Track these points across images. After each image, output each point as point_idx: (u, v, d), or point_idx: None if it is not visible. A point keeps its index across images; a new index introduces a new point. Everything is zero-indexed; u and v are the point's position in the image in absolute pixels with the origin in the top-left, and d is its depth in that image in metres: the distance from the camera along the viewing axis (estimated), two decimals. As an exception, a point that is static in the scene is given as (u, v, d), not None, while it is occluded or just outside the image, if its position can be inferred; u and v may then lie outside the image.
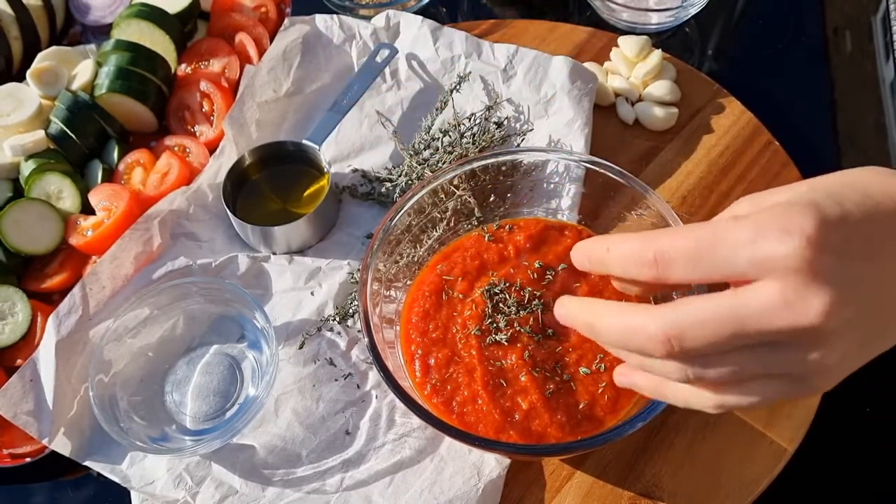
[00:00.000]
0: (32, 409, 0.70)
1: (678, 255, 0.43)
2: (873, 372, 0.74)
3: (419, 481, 0.67)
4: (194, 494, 0.68)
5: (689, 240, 0.43)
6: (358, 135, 0.89)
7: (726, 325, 0.41)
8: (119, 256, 0.77)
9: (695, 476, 0.66)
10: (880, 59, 0.95)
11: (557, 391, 0.65)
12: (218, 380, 0.74)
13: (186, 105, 0.91)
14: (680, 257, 0.43)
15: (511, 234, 0.74)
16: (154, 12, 0.93)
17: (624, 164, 0.70)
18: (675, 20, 0.97)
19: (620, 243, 0.47)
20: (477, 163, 0.73)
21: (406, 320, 0.70)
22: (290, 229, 0.79)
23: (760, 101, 0.88)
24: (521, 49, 0.89)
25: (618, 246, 0.47)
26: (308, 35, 0.92)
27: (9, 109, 0.88)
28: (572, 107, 0.85)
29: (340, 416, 0.71)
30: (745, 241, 0.41)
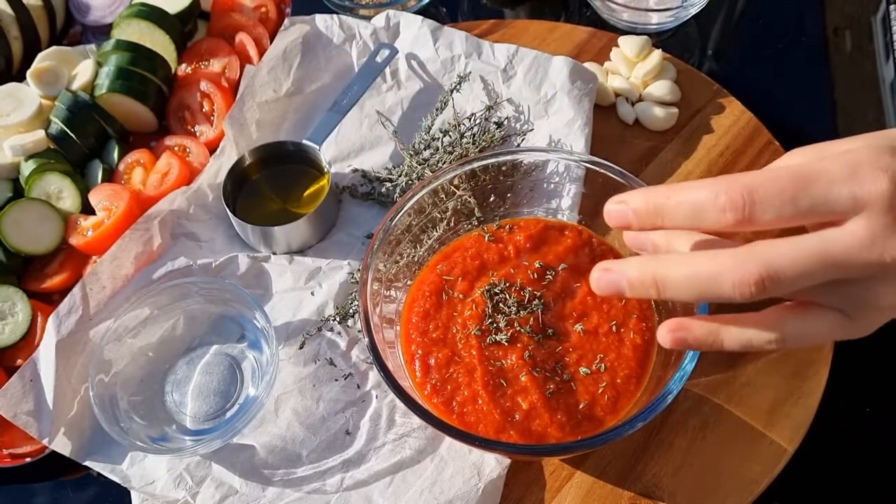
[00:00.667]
0: (32, 409, 0.70)
1: (772, 192, 0.42)
2: (873, 372, 0.75)
3: (419, 481, 0.67)
4: (194, 494, 0.68)
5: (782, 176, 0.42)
6: (358, 135, 0.89)
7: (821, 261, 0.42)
8: (119, 256, 0.77)
9: (695, 476, 0.66)
10: (880, 59, 0.95)
11: (557, 391, 0.65)
12: (218, 380, 0.74)
13: (186, 105, 0.91)
14: (774, 195, 0.42)
15: (511, 234, 0.74)
16: (154, 12, 0.93)
17: (624, 164, 0.70)
18: (675, 20, 0.97)
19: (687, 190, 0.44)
20: (477, 163, 0.73)
21: (406, 320, 0.70)
22: (290, 229, 0.79)
23: (760, 101, 0.88)
24: (521, 49, 0.89)
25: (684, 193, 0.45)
26: (308, 35, 0.93)
27: (9, 109, 0.88)
28: (572, 107, 0.85)
29: (340, 416, 0.71)
30: (842, 178, 0.41)
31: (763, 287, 0.42)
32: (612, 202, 0.48)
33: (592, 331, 0.68)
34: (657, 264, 0.46)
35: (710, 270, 0.43)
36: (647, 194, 0.47)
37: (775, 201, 0.42)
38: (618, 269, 0.47)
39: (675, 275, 0.45)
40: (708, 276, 0.44)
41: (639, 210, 0.47)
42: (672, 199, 0.45)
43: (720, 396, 0.69)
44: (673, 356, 0.63)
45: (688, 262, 0.45)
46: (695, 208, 0.44)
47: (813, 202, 0.42)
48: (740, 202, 0.43)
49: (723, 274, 0.43)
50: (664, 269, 0.45)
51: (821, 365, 0.70)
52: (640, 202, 0.47)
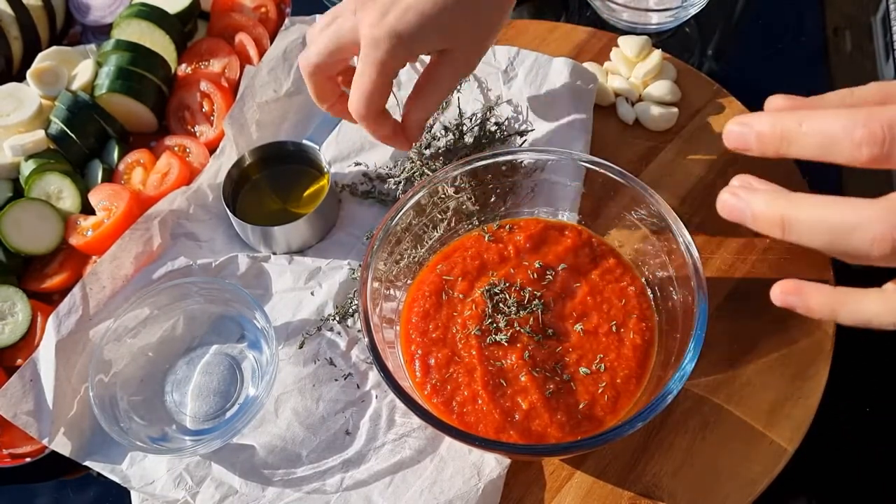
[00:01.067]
0: (32, 409, 0.70)
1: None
2: (873, 372, 0.75)
3: (419, 481, 0.67)
4: (194, 494, 0.68)
5: None
6: (358, 135, 0.89)
7: None
8: (119, 256, 0.77)
9: (695, 476, 0.66)
10: (880, 59, 0.95)
11: (557, 391, 0.65)
12: (218, 380, 0.74)
13: (186, 105, 0.91)
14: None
15: (511, 234, 0.74)
16: (154, 12, 0.93)
17: (624, 164, 0.70)
18: (675, 20, 0.97)
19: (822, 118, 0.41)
20: (477, 163, 0.73)
21: (406, 320, 0.70)
22: (290, 229, 0.79)
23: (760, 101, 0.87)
24: (521, 51, 0.89)
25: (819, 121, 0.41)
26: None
27: (9, 109, 0.88)
28: (573, 107, 0.85)
29: (340, 416, 0.71)
30: None
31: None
32: (735, 122, 0.45)
33: (592, 331, 0.68)
34: (788, 202, 0.42)
35: (848, 219, 0.40)
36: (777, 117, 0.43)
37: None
38: (746, 197, 0.44)
39: (805, 217, 0.41)
40: (843, 224, 0.40)
41: (763, 134, 0.44)
42: (804, 125, 0.41)
43: (720, 396, 0.69)
44: (673, 356, 0.63)
45: (823, 206, 0.41)
46: (828, 139, 0.40)
47: None
48: (880, 136, 0.39)
49: (863, 225, 0.39)
50: (794, 210, 0.42)
51: (821, 365, 0.70)
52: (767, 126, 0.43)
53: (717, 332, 0.71)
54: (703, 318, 0.60)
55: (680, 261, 0.65)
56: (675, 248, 0.65)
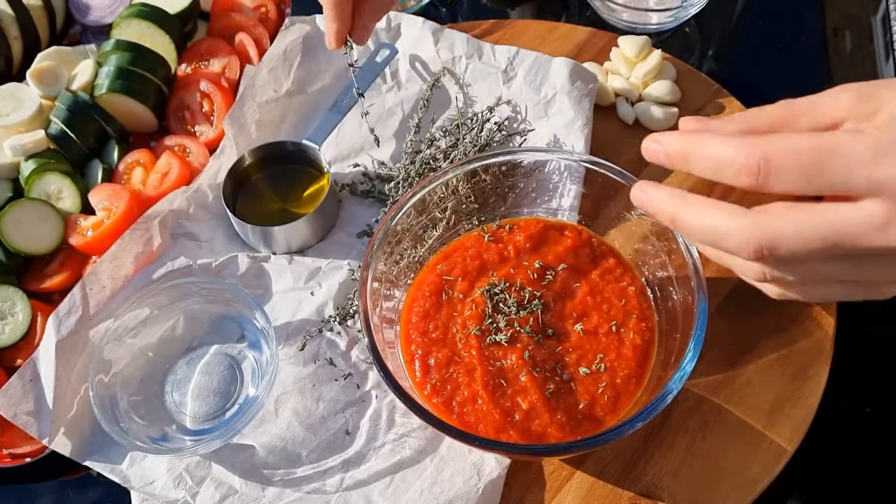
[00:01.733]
0: (32, 409, 0.70)
1: (788, 166, 0.42)
2: (873, 372, 0.75)
3: (419, 481, 0.67)
4: (194, 494, 0.68)
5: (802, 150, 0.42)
6: (358, 135, 0.89)
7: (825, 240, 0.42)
8: (119, 256, 0.77)
9: (695, 476, 0.66)
10: (880, 59, 0.95)
11: (557, 391, 0.65)
12: (218, 380, 0.74)
13: (186, 105, 0.91)
14: (791, 168, 0.42)
15: (511, 234, 0.74)
16: (154, 12, 0.93)
17: (624, 164, 0.70)
18: (675, 20, 0.97)
19: (714, 144, 0.46)
20: (477, 163, 0.73)
21: (406, 320, 0.70)
22: (290, 229, 0.79)
23: (760, 101, 0.87)
24: (521, 51, 0.89)
25: (711, 147, 0.46)
26: (308, 35, 0.93)
27: (9, 109, 0.88)
28: (572, 107, 0.85)
29: (340, 416, 0.71)
30: (864, 161, 0.41)
31: (762, 255, 0.44)
32: (650, 140, 0.51)
33: (592, 331, 0.68)
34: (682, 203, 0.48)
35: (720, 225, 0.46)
36: (682, 141, 0.48)
37: (791, 175, 0.43)
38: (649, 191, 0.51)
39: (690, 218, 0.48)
40: (716, 230, 0.46)
41: (671, 154, 0.49)
42: (700, 150, 0.47)
43: (720, 396, 0.69)
44: (673, 356, 0.63)
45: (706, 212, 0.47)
46: (717, 164, 0.46)
47: (830, 181, 0.42)
48: (755, 169, 0.43)
49: (730, 234, 0.45)
50: (684, 211, 0.48)
51: (821, 365, 0.70)
52: (673, 147, 0.49)
53: (717, 332, 0.71)
54: (703, 318, 0.60)
55: (680, 261, 0.65)
56: (675, 248, 0.65)
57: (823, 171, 0.42)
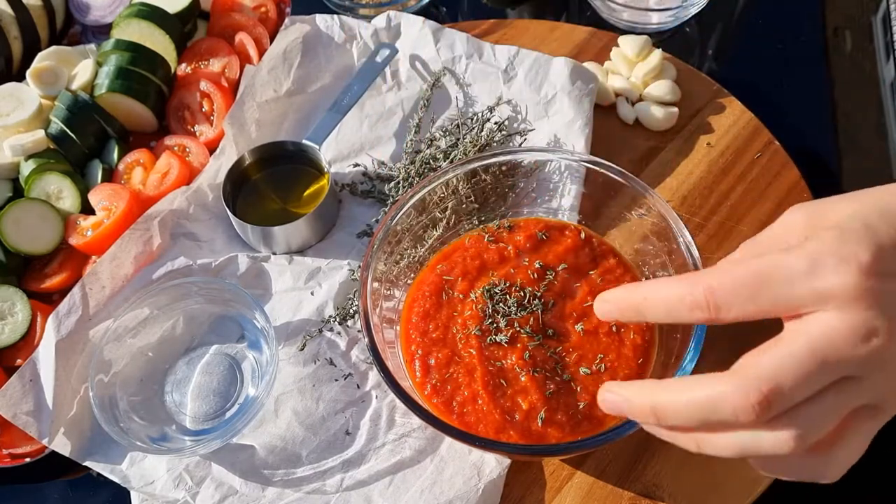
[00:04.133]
0: (32, 409, 0.70)
1: (732, 292, 0.43)
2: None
3: (419, 481, 0.67)
4: (194, 494, 0.68)
5: (741, 276, 0.43)
6: (358, 135, 0.89)
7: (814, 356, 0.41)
8: (119, 256, 0.77)
9: (695, 476, 0.66)
10: (880, 59, 0.95)
11: (558, 391, 0.64)
12: (218, 380, 0.74)
13: (186, 105, 0.91)
14: (734, 294, 0.43)
15: (511, 234, 0.74)
16: (154, 12, 0.93)
17: (624, 164, 0.70)
18: (675, 20, 0.97)
19: (658, 289, 0.46)
20: (477, 163, 0.73)
21: (406, 320, 0.70)
22: (290, 229, 0.79)
23: (760, 101, 0.88)
24: (521, 50, 0.89)
25: (656, 292, 0.46)
26: (308, 35, 0.93)
27: (9, 109, 0.87)
28: (573, 107, 0.85)
29: (340, 416, 0.71)
30: (802, 273, 0.41)
31: (769, 406, 0.41)
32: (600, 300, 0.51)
33: (592, 331, 0.67)
34: (655, 390, 0.46)
35: (710, 395, 0.43)
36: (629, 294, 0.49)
37: (736, 301, 0.43)
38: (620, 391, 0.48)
39: (672, 401, 0.45)
40: (707, 401, 0.43)
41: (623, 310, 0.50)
42: (649, 298, 0.47)
43: (720, 396, 0.69)
44: (673, 356, 0.63)
45: (685, 389, 0.44)
46: (668, 307, 0.46)
47: (774, 300, 0.42)
48: (703, 303, 0.44)
49: (725, 397, 0.42)
50: (662, 396, 0.46)
51: (821, 365, 0.70)
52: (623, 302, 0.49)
53: (717, 332, 0.71)
54: (703, 318, 0.60)
55: (680, 261, 0.65)
56: (675, 248, 0.65)
57: (767, 289, 0.42)
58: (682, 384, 0.45)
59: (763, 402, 0.41)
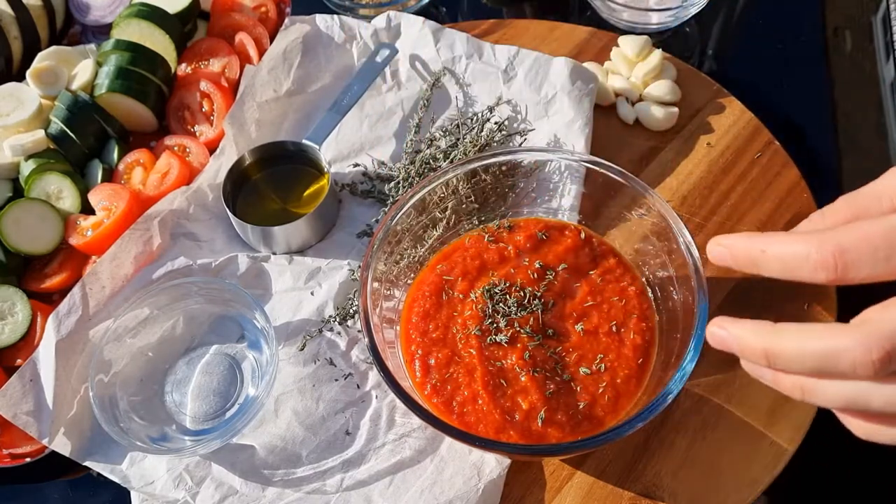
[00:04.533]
0: (32, 409, 0.70)
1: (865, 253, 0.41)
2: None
3: (419, 481, 0.67)
4: (194, 494, 0.68)
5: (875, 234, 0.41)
6: (358, 135, 0.89)
7: None
8: (119, 256, 0.77)
9: (695, 476, 0.66)
10: (880, 59, 0.95)
11: (558, 391, 0.65)
12: (218, 380, 0.74)
13: (186, 105, 0.91)
14: (867, 256, 0.41)
15: (511, 234, 0.74)
16: (154, 12, 0.93)
17: (624, 164, 0.70)
18: (676, 20, 0.97)
19: (781, 244, 0.45)
20: (477, 163, 0.73)
21: (406, 320, 0.70)
22: (290, 229, 0.79)
23: (760, 101, 0.88)
24: (521, 50, 0.89)
25: (778, 247, 0.45)
26: (308, 35, 0.92)
27: (9, 109, 0.87)
28: (573, 107, 0.85)
29: (340, 416, 0.71)
30: None
31: (889, 362, 0.40)
32: (715, 242, 0.50)
33: (592, 331, 0.68)
34: (772, 335, 0.45)
35: (829, 348, 0.42)
36: (749, 242, 0.47)
37: (868, 261, 0.41)
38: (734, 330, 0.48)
39: (788, 348, 0.44)
40: (824, 354, 0.42)
41: (738, 258, 0.48)
42: (768, 251, 0.45)
43: (720, 396, 0.69)
44: (673, 356, 0.63)
45: (804, 337, 0.43)
46: (787, 264, 0.44)
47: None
48: (831, 263, 0.42)
49: (844, 352, 0.41)
50: (777, 342, 0.45)
51: (821, 365, 0.70)
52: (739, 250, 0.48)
53: (717, 332, 0.71)
54: (703, 318, 0.60)
55: (680, 261, 0.65)
56: (675, 248, 0.65)
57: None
58: (800, 331, 0.44)
59: (885, 358, 0.40)
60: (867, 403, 0.43)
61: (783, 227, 0.78)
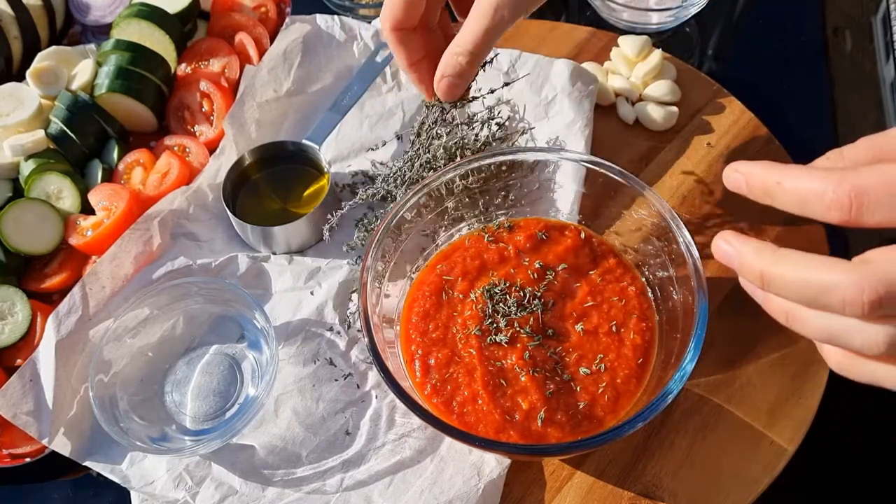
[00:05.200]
0: (32, 409, 0.70)
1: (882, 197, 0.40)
2: (873, 372, 0.74)
3: (419, 481, 0.67)
4: (194, 494, 0.68)
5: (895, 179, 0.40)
6: (358, 135, 0.89)
7: None
8: (119, 256, 0.77)
9: (695, 476, 0.66)
10: (880, 59, 0.95)
11: (557, 391, 0.65)
12: (218, 380, 0.74)
13: (186, 105, 0.91)
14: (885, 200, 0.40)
15: (511, 234, 0.74)
16: (154, 12, 0.93)
17: (624, 164, 0.70)
18: (675, 20, 0.97)
19: (797, 178, 0.43)
20: (477, 163, 0.73)
21: (406, 320, 0.70)
22: (290, 229, 0.79)
23: (760, 101, 0.88)
24: (523, 54, 0.89)
25: (794, 181, 0.44)
26: (309, 35, 0.92)
27: (9, 109, 0.87)
28: (573, 108, 0.85)
29: (340, 416, 0.71)
30: None
31: (879, 306, 0.40)
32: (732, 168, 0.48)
33: (592, 331, 0.68)
34: (771, 258, 0.45)
35: (824, 280, 0.42)
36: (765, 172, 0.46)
37: (885, 206, 0.40)
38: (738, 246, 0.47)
39: (783, 274, 0.44)
40: (818, 285, 0.42)
41: (753, 186, 0.47)
42: (784, 183, 0.44)
43: (720, 396, 0.69)
44: (673, 356, 0.63)
45: (801, 265, 0.43)
46: (802, 199, 0.43)
47: None
48: (847, 203, 0.41)
49: (836, 287, 0.41)
50: (775, 266, 0.44)
51: (821, 365, 0.70)
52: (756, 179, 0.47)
53: (717, 332, 0.71)
54: (703, 318, 0.60)
55: (680, 261, 0.65)
56: (675, 248, 0.65)
57: None
58: (800, 260, 0.43)
59: (875, 301, 0.40)
60: (848, 341, 0.43)
61: (783, 228, 0.78)
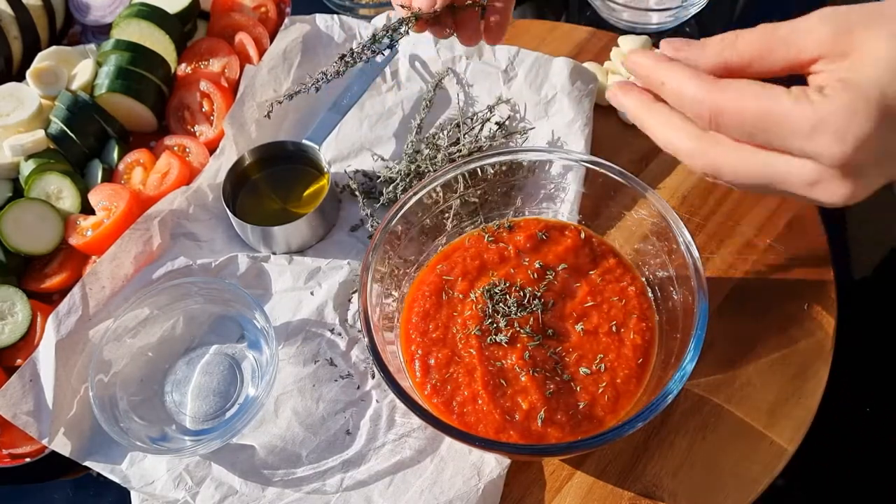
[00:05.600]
0: (32, 409, 0.70)
1: (733, 122, 0.46)
2: (873, 372, 0.75)
3: (419, 481, 0.67)
4: (194, 494, 0.68)
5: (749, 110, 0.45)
6: (358, 135, 0.89)
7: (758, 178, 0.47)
8: (119, 256, 0.77)
9: (695, 476, 0.66)
10: (880, 59, 0.95)
11: (557, 391, 0.65)
12: (218, 380, 0.74)
13: (186, 105, 0.91)
14: (736, 124, 0.46)
15: (511, 234, 0.74)
16: (154, 12, 0.93)
17: (624, 164, 0.70)
18: (675, 20, 0.97)
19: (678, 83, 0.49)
20: (477, 163, 0.73)
21: (406, 320, 0.70)
22: (290, 229, 0.79)
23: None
24: (522, 50, 0.89)
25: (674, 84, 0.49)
26: (308, 35, 0.92)
27: (9, 109, 0.87)
28: (573, 107, 0.85)
29: (340, 416, 0.71)
30: (802, 133, 0.44)
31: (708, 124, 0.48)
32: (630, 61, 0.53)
33: (592, 331, 0.68)
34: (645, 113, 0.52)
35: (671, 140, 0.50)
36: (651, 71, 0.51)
37: (735, 131, 0.47)
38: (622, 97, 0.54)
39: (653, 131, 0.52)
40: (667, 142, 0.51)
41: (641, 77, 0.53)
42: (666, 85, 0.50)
43: (720, 396, 0.69)
44: (673, 356, 0.63)
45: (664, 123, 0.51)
46: (677, 101, 0.49)
47: (768, 141, 0.46)
48: (706, 117, 0.47)
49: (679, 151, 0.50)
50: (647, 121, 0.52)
51: (821, 365, 0.70)
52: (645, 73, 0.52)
53: (717, 332, 0.71)
54: (703, 318, 0.60)
55: (680, 261, 0.65)
56: (675, 248, 0.65)
57: (765, 132, 0.45)
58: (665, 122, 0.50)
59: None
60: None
61: (783, 228, 0.78)
